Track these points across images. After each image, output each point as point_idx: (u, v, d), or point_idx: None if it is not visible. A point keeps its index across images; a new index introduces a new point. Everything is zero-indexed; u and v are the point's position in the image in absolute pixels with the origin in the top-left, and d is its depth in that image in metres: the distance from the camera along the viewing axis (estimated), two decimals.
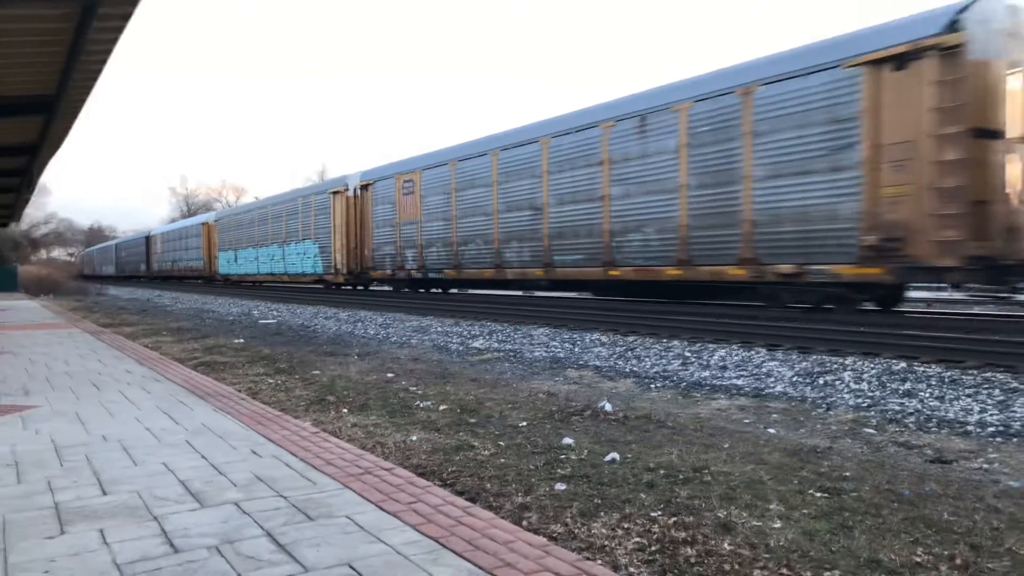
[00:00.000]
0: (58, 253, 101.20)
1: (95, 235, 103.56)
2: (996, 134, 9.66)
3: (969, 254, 9.50)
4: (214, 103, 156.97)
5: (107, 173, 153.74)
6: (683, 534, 3.26)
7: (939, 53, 9.64)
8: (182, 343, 12.17)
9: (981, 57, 9.67)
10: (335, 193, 26.05)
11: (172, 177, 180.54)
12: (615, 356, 10.31)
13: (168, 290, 42.12)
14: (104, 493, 3.80)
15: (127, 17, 7.24)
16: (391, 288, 24.41)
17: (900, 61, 10.08)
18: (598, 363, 9.75)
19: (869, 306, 11.89)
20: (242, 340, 12.56)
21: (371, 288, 25.61)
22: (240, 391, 7.14)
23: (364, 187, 24.60)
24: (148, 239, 53.79)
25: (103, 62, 8.83)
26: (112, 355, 10.06)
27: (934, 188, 9.70)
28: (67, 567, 2.85)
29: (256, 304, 25.49)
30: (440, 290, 22.93)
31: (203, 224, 41.89)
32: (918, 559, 3.03)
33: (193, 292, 37.19)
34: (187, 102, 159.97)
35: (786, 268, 11.58)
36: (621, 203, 14.55)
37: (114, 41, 8.00)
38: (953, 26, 9.64)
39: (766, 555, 3.06)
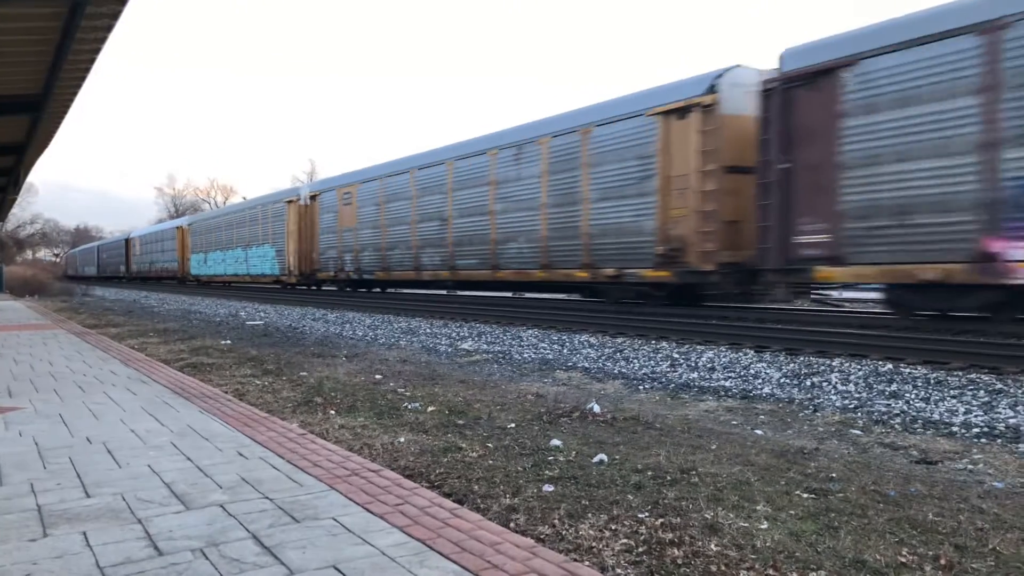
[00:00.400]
0: (43, 254, 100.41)
1: (81, 236, 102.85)
2: (747, 170, 12.38)
3: (722, 261, 12.73)
4: (204, 100, 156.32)
5: (93, 172, 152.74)
6: (670, 535, 3.26)
7: (702, 109, 12.88)
8: (168, 344, 12.09)
9: (733, 112, 12.76)
10: (289, 202, 28.94)
11: (160, 177, 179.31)
12: (604, 358, 10.32)
13: (155, 291, 41.85)
14: (88, 495, 3.77)
15: (116, 15, 7.18)
16: (335, 288, 27.07)
17: (680, 113, 13.24)
18: (587, 364, 9.76)
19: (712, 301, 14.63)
20: (229, 341, 12.49)
21: (323, 288, 28.09)
22: (227, 392, 7.10)
23: (312, 197, 27.79)
24: (127, 241, 56.45)
25: (91, 61, 8.76)
26: (97, 356, 9.98)
27: (700, 211, 12.90)
28: (49, 569, 2.82)
29: (243, 305, 25.37)
30: (379, 289, 25.85)
31: (177, 228, 44.62)
32: (903, 559, 3.05)
33: (180, 293, 36.99)
34: (177, 99, 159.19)
35: (610, 271, 14.82)
36: (503, 217, 17.74)
37: (102, 40, 7.94)
38: (711, 88, 12.85)
39: (752, 556, 3.06)
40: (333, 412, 6.17)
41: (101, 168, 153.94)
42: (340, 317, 18.66)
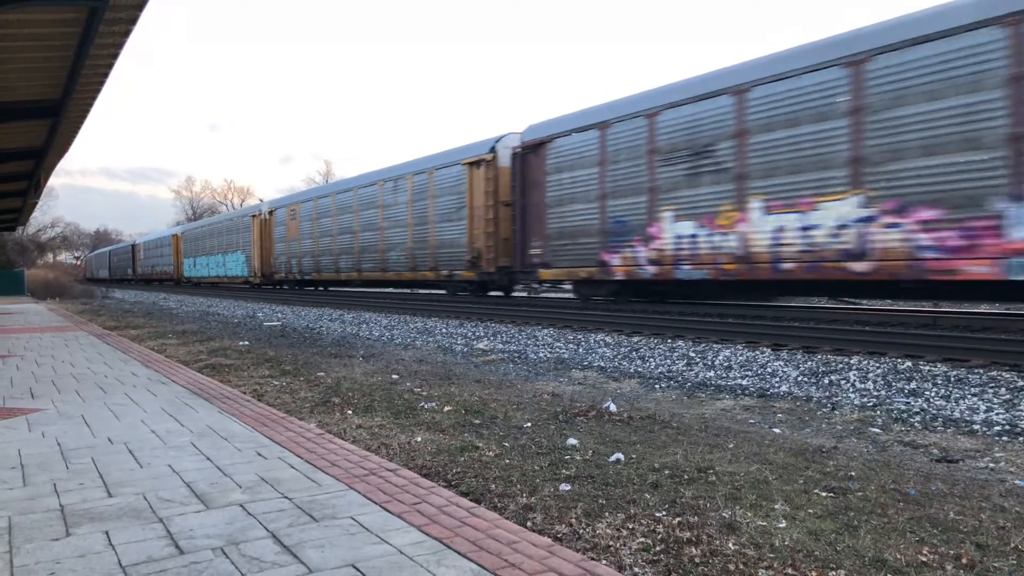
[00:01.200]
0: (64, 257, 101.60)
1: (101, 239, 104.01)
2: (509, 204, 19.07)
3: (500, 265, 19.58)
4: (225, 98, 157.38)
5: (114, 174, 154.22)
6: (688, 534, 3.26)
7: (486, 163, 19.85)
8: (187, 345, 12.20)
9: (504, 165, 19.40)
10: (253, 216, 36.62)
11: (178, 179, 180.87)
12: (620, 357, 10.30)
13: (173, 293, 42.28)
14: (110, 495, 3.81)
15: (134, 20, 7.27)
16: (288, 286, 34.44)
17: (477, 164, 20.20)
18: (602, 364, 9.74)
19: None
20: (247, 342, 12.58)
21: (280, 287, 35.20)
22: (245, 393, 7.15)
23: (271, 213, 35.09)
24: (133, 247, 64.03)
25: (110, 66, 8.87)
26: (118, 358, 10.10)
27: (487, 231, 19.79)
28: (72, 569, 2.86)
29: (260, 307, 25.55)
30: (318, 288, 32.80)
31: (173, 236, 51.66)
32: (924, 558, 3.02)
33: (198, 295, 37.37)
34: (197, 98, 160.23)
35: (445, 272, 21.81)
36: (388, 232, 24.73)
37: (120, 45, 8.04)
38: (492, 149, 19.84)
39: (771, 555, 3.05)
40: (350, 412, 6.21)
41: (120, 170, 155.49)
42: (357, 317, 18.75)
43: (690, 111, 13.80)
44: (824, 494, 3.90)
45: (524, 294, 21.60)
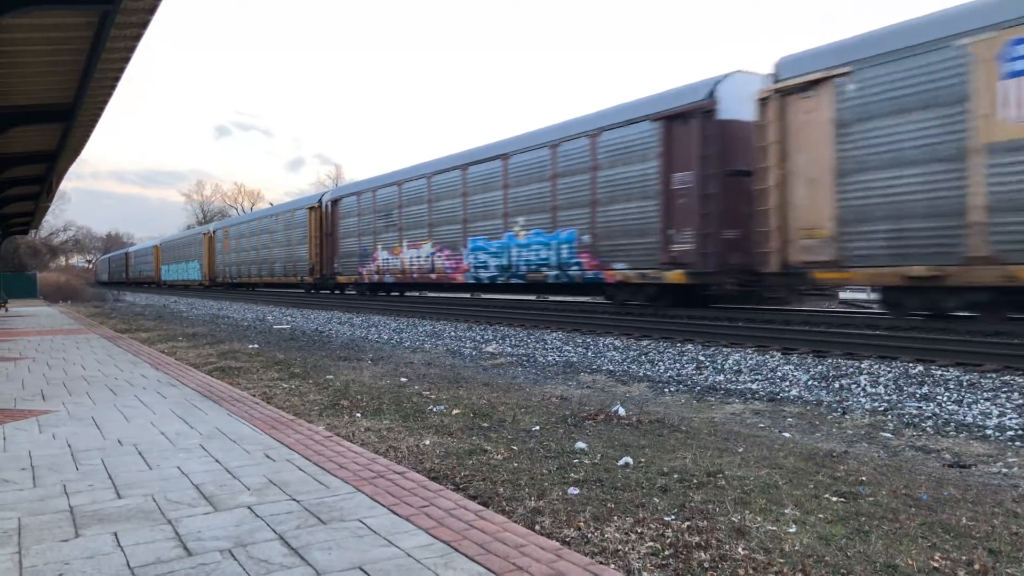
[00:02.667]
0: (76, 260, 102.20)
1: (112, 242, 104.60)
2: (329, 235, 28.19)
3: (322, 273, 30.90)
4: (234, 101, 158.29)
5: (124, 177, 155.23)
6: (697, 538, 3.24)
7: (316, 210, 31.77)
8: (197, 348, 12.25)
9: (327, 211, 29.96)
10: (204, 234, 48.30)
11: (188, 184, 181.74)
12: (629, 360, 10.27)
13: (183, 296, 42.57)
14: (119, 496, 3.82)
15: (145, 24, 7.31)
16: (222, 286, 44.87)
17: (313, 209, 31.94)
18: (611, 367, 9.72)
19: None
20: (256, 345, 12.62)
21: (219, 286, 45.44)
22: (254, 396, 7.17)
23: (214, 232, 46.75)
24: (127, 255, 74.21)
25: (121, 70, 8.93)
26: (128, 360, 10.14)
27: (317, 252, 31.79)
28: (81, 570, 2.86)
29: (270, 310, 25.64)
30: (250, 287, 41.34)
31: (154, 247, 62.12)
32: (935, 564, 2.99)
33: (208, 299, 37.61)
34: (205, 102, 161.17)
35: (297, 278, 33.06)
36: (275, 250, 35.43)
37: (132, 49, 8.09)
38: (320, 201, 31.30)
39: (781, 560, 3.03)
40: (359, 415, 6.21)
41: (130, 174, 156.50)
42: (365, 321, 18.78)
43: (387, 191, 25.48)
44: (835, 499, 3.86)
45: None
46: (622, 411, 6.16)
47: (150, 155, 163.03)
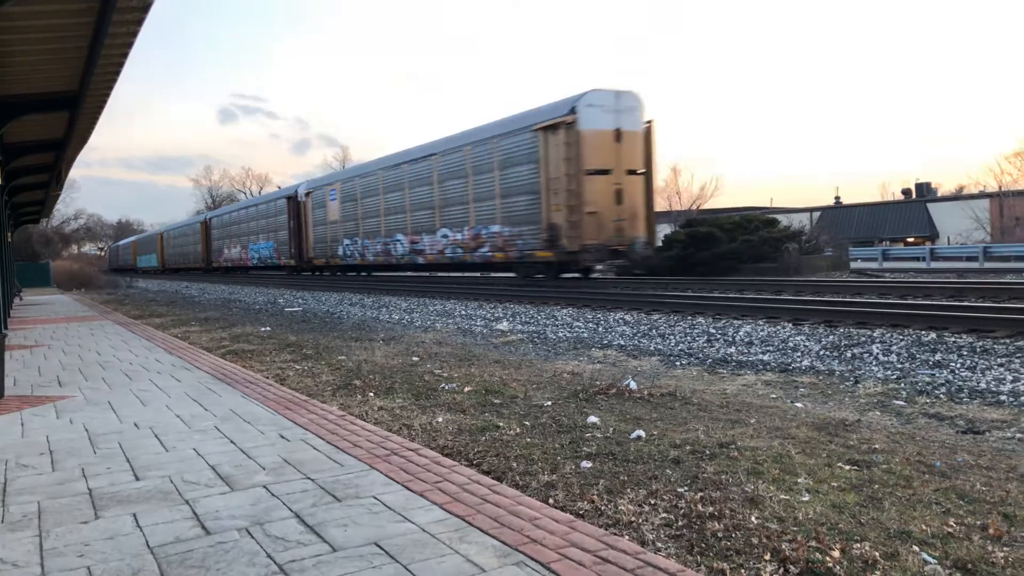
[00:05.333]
0: (88, 248, 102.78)
1: (123, 229, 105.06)
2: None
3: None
4: (239, 85, 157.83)
5: (132, 164, 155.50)
6: (710, 509, 3.25)
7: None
8: (210, 332, 12.32)
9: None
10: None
11: (196, 168, 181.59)
12: (639, 335, 10.27)
13: (195, 282, 42.72)
14: (137, 478, 3.87)
15: (146, 8, 7.28)
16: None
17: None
18: (622, 342, 9.72)
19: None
20: (269, 328, 12.69)
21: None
22: (268, 377, 7.22)
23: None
24: (134, 243, 77.90)
25: (124, 55, 8.90)
26: (142, 345, 10.22)
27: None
28: (101, 550, 2.90)
29: (281, 292, 25.73)
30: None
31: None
32: (950, 530, 2.99)
33: (220, 283, 37.75)
34: (213, 84, 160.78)
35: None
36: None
37: (134, 34, 8.06)
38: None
39: (794, 528, 3.04)
40: (371, 394, 6.25)
41: (138, 160, 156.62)
42: (376, 301, 18.83)
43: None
44: (848, 467, 3.87)
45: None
46: (633, 385, 6.17)
47: (157, 141, 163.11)
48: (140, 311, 18.61)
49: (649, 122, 19.10)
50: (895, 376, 6.69)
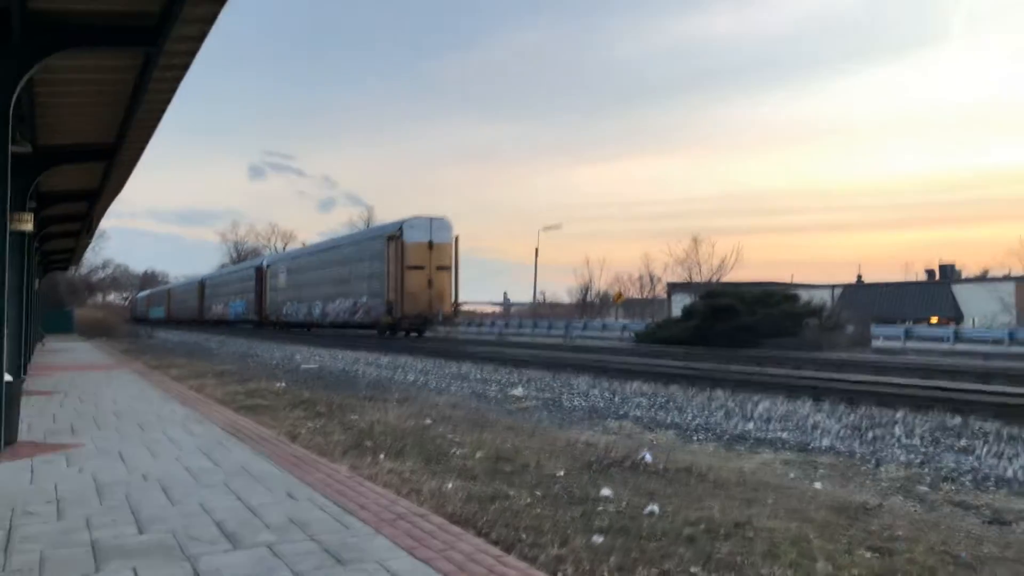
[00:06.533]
0: (113, 297, 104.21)
1: (148, 280, 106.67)
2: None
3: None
4: (267, 143, 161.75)
5: (161, 216, 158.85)
6: None
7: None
8: (225, 386, 12.33)
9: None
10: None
11: (223, 222, 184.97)
12: (656, 407, 10.13)
13: (214, 335, 43.07)
14: (140, 532, 3.82)
15: (186, 67, 7.52)
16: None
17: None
18: (638, 413, 9.59)
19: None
20: (283, 384, 12.68)
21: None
22: (279, 434, 7.17)
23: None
24: (148, 296, 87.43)
25: (163, 110, 9.17)
26: (158, 396, 10.24)
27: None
28: None
29: (298, 349, 25.82)
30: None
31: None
32: None
33: (238, 337, 37.99)
34: (239, 143, 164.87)
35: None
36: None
37: (173, 90, 8.32)
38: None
39: None
40: (382, 456, 6.17)
41: (167, 212, 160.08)
42: (392, 361, 18.82)
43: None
44: (869, 554, 3.73)
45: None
46: (649, 458, 6.05)
47: (187, 194, 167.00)
48: (159, 361, 18.71)
49: (456, 236, 30.35)
50: (918, 460, 6.52)
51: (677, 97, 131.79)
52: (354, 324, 33.75)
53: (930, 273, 60.17)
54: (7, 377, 6.28)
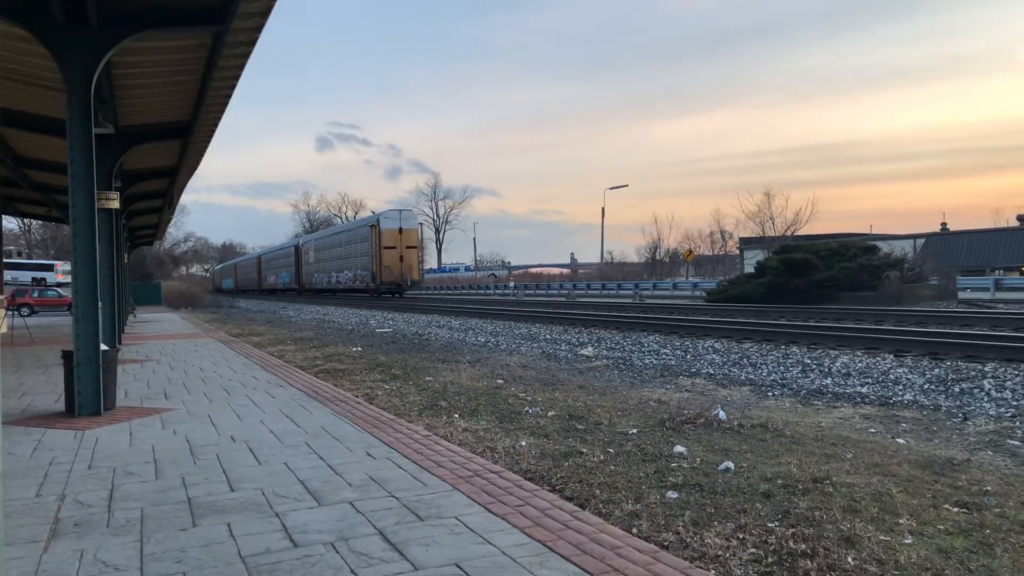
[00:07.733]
0: (195, 269, 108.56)
1: (227, 251, 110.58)
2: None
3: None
4: (336, 113, 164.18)
5: (236, 190, 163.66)
6: (802, 546, 3.10)
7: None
8: (304, 351, 12.75)
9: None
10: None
11: (295, 194, 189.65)
12: (729, 364, 9.99)
13: (292, 303, 44.65)
14: (232, 490, 4.02)
15: (253, 42, 7.68)
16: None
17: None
18: (711, 371, 9.47)
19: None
20: (360, 348, 13.02)
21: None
22: (357, 396, 7.40)
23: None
24: (220, 269, 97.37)
25: (232, 86, 9.41)
26: (241, 363, 10.68)
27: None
28: (197, 557, 3.03)
29: (373, 314, 26.42)
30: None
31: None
32: None
33: (314, 304, 39.25)
34: (310, 113, 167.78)
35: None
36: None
37: (241, 66, 8.51)
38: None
39: (895, 572, 2.86)
40: (456, 415, 6.30)
41: (241, 186, 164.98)
42: (463, 324, 19.07)
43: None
44: (955, 509, 3.62)
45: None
46: (722, 415, 5.99)
47: (259, 168, 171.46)
48: (240, 330, 19.47)
49: (420, 223, 46.61)
50: (1009, 414, 6.25)
51: (748, 45, 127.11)
52: (356, 289, 45.62)
53: (1022, 219, 56.88)
54: (103, 346, 6.64)
